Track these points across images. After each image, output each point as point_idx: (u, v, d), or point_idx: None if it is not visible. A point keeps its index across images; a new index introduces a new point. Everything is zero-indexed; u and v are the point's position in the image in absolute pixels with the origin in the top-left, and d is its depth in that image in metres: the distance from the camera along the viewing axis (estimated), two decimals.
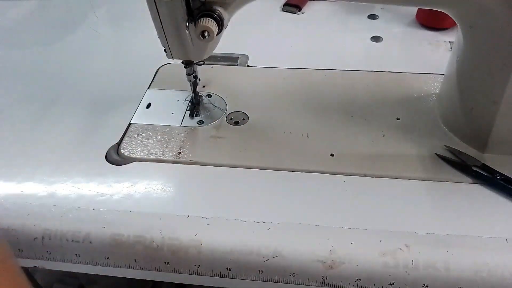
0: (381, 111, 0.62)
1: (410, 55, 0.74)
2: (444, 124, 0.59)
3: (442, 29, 0.79)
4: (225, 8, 0.51)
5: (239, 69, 0.71)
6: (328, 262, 0.45)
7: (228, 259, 0.46)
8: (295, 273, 0.46)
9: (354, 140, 0.58)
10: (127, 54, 0.76)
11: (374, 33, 0.79)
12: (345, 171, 0.54)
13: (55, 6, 0.89)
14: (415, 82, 0.66)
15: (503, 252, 0.45)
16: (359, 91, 0.65)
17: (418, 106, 0.62)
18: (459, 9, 0.51)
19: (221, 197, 0.52)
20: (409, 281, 0.44)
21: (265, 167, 0.55)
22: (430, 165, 0.54)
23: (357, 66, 0.70)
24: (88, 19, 0.85)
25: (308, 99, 0.64)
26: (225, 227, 0.48)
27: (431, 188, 0.52)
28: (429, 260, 0.44)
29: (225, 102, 0.64)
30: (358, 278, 0.45)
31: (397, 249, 0.45)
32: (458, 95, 0.56)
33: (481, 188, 0.52)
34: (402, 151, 0.56)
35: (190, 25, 0.51)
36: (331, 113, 0.62)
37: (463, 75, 0.55)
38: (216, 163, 0.55)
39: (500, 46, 0.49)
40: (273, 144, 0.58)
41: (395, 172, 0.54)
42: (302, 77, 0.68)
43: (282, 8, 0.86)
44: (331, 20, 0.83)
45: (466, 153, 0.55)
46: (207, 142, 0.58)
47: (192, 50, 0.55)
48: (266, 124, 0.61)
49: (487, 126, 0.54)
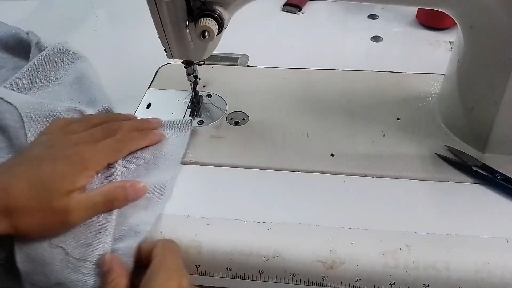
0: (381, 111, 0.62)
1: (410, 55, 0.74)
2: (444, 124, 0.59)
3: (442, 29, 0.79)
4: (225, 8, 0.51)
5: (239, 69, 0.71)
6: (328, 262, 0.45)
7: (229, 259, 0.46)
8: (295, 273, 0.46)
9: (354, 140, 0.58)
10: (127, 54, 0.76)
11: (374, 33, 0.79)
12: (345, 171, 0.54)
13: (55, 6, 0.89)
14: (415, 82, 0.66)
15: (503, 252, 0.45)
16: (359, 91, 0.65)
17: (418, 106, 0.62)
18: (459, 9, 0.51)
19: (221, 197, 0.52)
20: (409, 281, 0.44)
21: (265, 167, 0.55)
22: (430, 165, 0.54)
23: (357, 66, 0.70)
24: (88, 19, 0.85)
25: (308, 99, 0.64)
26: (225, 227, 0.48)
27: (431, 188, 0.52)
28: (429, 260, 0.45)
29: (225, 102, 0.64)
30: (359, 278, 0.45)
31: (397, 249, 0.45)
32: (458, 95, 0.56)
33: (481, 188, 0.52)
34: (402, 151, 0.56)
35: (190, 25, 0.51)
36: (331, 113, 0.62)
37: (463, 75, 0.55)
38: (216, 163, 0.55)
39: (500, 46, 0.49)
40: (273, 144, 0.58)
41: (395, 172, 0.54)
42: (302, 77, 0.68)
43: (282, 8, 0.86)
44: (331, 20, 0.83)
45: (466, 153, 0.55)
46: (207, 142, 0.58)
47: (192, 50, 0.55)
48: (266, 124, 0.61)
49: (487, 126, 0.54)
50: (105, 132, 0.51)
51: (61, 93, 0.62)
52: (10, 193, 0.43)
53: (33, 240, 0.44)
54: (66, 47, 0.66)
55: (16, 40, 0.71)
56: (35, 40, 0.68)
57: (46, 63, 0.64)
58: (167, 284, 0.39)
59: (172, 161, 0.54)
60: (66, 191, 0.44)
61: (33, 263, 0.44)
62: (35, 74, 0.63)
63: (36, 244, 0.44)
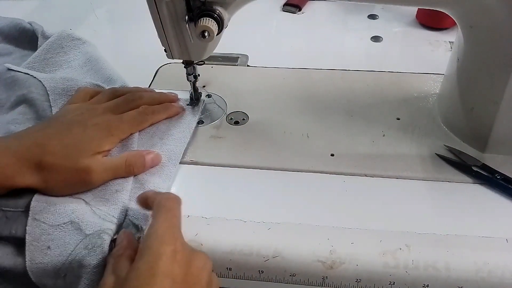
0: (381, 111, 0.62)
1: (410, 55, 0.74)
2: (444, 124, 0.59)
3: (442, 29, 0.79)
4: (225, 8, 0.51)
5: (239, 69, 0.71)
6: (328, 262, 0.45)
7: (228, 259, 0.46)
8: (295, 273, 0.46)
9: (354, 140, 0.58)
10: (127, 54, 0.76)
11: (374, 33, 0.79)
12: (345, 171, 0.54)
13: (55, 6, 0.89)
14: (415, 82, 0.66)
15: (503, 252, 0.45)
16: (359, 91, 0.65)
17: (418, 106, 0.62)
18: (459, 9, 0.51)
19: (221, 197, 0.52)
20: (409, 281, 0.44)
21: (265, 167, 0.55)
22: (430, 165, 0.54)
23: (357, 66, 0.70)
24: (88, 19, 0.85)
25: (308, 99, 0.64)
26: (225, 227, 0.48)
27: (431, 188, 0.52)
28: (429, 260, 0.44)
29: (225, 102, 0.64)
30: (358, 278, 0.45)
31: (397, 249, 0.45)
32: (458, 95, 0.56)
33: (481, 188, 0.52)
34: (402, 151, 0.56)
35: (190, 25, 0.51)
36: (331, 113, 0.62)
37: (463, 75, 0.55)
38: (216, 163, 0.55)
39: (500, 46, 0.49)
40: (273, 144, 0.58)
41: (395, 172, 0.54)
42: (302, 77, 0.68)
43: (282, 8, 0.86)
44: (331, 20, 0.83)
45: (466, 153, 0.55)
46: (207, 142, 0.58)
47: (192, 50, 0.55)
48: (266, 124, 0.61)
49: (487, 126, 0.54)
50: (128, 103, 0.56)
51: (74, 75, 0.64)
52: (45, 150, 0.48)
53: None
54: (71, 34, 0.68)
55: (18, 30, 0.72)
56: (40, 29, 0.70)
57: (54, 49, 0.66)
58: (160, 250, 0.39)
59: (185, 132, 0.57)
60: (92, 152, 0.49)
61: (45, 203, 0.47)
62: (45, 60, 0.65)
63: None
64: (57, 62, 0.65)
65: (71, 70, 0.65)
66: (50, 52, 0.66)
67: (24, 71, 0.61)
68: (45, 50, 0.66)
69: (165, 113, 0.58)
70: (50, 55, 0.66)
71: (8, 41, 0.73)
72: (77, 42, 0.68)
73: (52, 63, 0.65)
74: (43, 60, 0.65)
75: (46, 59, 0.65)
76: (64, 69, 0.65)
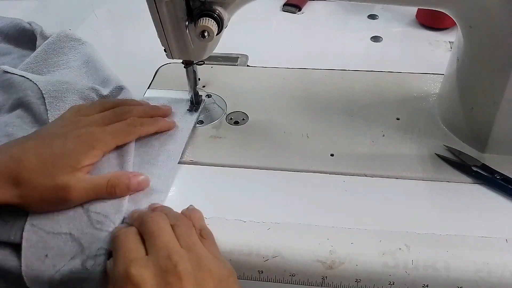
0: (381, 111, 0.62)
1: (410, 55, 0.74)
2: (444, 124, 0.59)
3: (442, 29, 0.79)
4: (225, 8, 0.51)
5: (239, 69, 0.71)
6: (328, 262, 0.45)
7: (228, 259, 0.46)
8: (295, 273, 0.46)
9: (354, 140, 0.58)
10: (127, 54, 0.76)
11: (374, 33, 0.79)
12: (345, 171, 0.54)
13: (55, 6, 0.89)
14: (415, 82, 0.66)
15: (503, 252, 0.45)
16: (359, 91, 0.65)
17: (418, 106, 0.62)
18: (459, 9, 0.51)
19: (221, 197, 0.52)
20: (409, 281, 0.44)
21: (265, 167, 0.55)
22: (430, 165, 0.54)
23: (357, 66, 0.70)
24: (88, 19, 0.85)
25: (308, 99, 0.64)
26: (225, 227, 0.48)
27: (431, 188, 0.52)
28: (429, 260, 0.44)
29: (225, 102, 0.64)
30: (358, 278, 0.45)
31: (397, 249, 0.45)
32: (458, 95, 0.56)
33: (481, 188, 0.52)
34: (402, 151, 0.56)
35: (190, 25, 0.51)
36: (331, 113, 0.62)
37: (463, 75, 0.55)
38: (216, 163, 0.55)
39: (500, 46, 0.49)
40: (273, 144, 0.58)
41: (395, 172, 0.54)
42: (302, 77, 0.68)
43: (282, 8, 0.86)
44: (331, 20, 0.83)
45: (466, 153, 0.55)
46: (207, 142, 0.58)
47: (192, 50, 0.55)
48: (266, 124, 0.61)
49: (487, 126, 0.54)
50: (116, 116, 0.53)
51: (71, 76, 0.64)
52: (21, 164, 0.45)
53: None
54: (70, 34, 0.68)
55: (18, 30, 0.73)
56: (39, 29, 0.70)
57: (53, 49, 0.66)
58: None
59: (183, 131, 0.57)
60: (70, 168, 0.46)
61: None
62: (43, 60, 0.65)
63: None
64: (56, 63, 0.65)
65: (70, 71, 0.65)
66: (48, 53, 0.66)
67: (19, 74, 0.60)
68: (44, 51, 0.66)
69: (155, 126, 0.55)
70: (49, 55, 0.65)
71: (8, 41, 0.73)
72: (75, 42, 0.68)
73: (50, 63, 0.65)
74: (42, 60, 0.65)
75: (45, 59, 0.65)
76: (62, 70, 0.65)
